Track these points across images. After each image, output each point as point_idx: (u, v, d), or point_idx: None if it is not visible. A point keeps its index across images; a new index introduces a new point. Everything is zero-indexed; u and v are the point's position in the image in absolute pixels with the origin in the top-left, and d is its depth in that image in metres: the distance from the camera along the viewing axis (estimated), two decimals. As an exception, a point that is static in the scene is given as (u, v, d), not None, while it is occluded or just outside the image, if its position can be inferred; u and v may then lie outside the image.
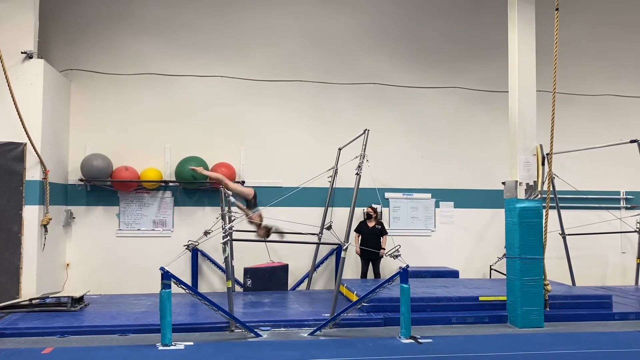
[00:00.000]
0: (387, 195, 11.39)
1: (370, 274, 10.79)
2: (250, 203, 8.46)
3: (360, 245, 10.55)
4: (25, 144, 8.95)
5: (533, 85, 8.35)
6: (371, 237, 10.60)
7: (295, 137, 11.25)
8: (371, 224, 10.75)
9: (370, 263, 10.75)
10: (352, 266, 11.05)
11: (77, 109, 10.63)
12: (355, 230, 10.73)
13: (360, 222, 10.85)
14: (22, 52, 9.08)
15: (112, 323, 7.63)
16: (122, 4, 10.93)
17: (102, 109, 10.72)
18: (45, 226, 9.20)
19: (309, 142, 11.26)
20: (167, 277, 6.75)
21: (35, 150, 9.00)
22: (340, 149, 10.69)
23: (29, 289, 8.82)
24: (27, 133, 8.84)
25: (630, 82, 12.37)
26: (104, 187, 10.48)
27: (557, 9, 7.86)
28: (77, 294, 8.67)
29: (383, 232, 10.71)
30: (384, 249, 10.26)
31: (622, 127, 11.81)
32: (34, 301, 8.37)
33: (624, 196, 12.21)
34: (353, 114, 11.26)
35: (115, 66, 10.78)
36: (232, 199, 8.18)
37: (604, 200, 11.97)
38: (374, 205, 10.81)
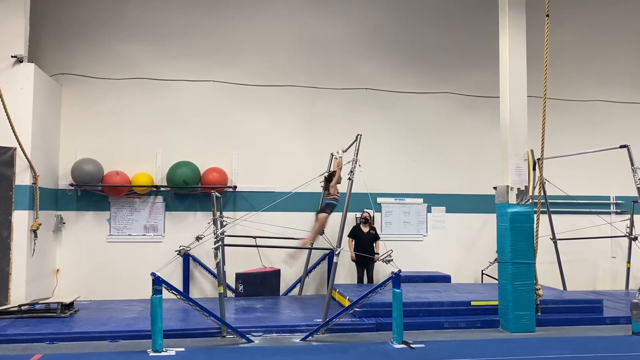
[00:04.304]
0: (379, 200, 11.41)
1: (365, 279, 10.77)
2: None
3: (355, 250, 10.53)
4: (15, 149, 8.88)
5: (524, 90, 8.41)
6: (366, 243, 10.60)
7: (288, 142, 11.24)
8: (365, 229, 10.75)
9: (365, 268, 10.75)
10: (347, 272, 11.04)
11: (68, 114, 10.58)
12: (349, 236, 10.71)
13: (354, 227, 10.84)
14: (12, 56, 9.04)
15: (102, 329, 7.57)
16: (114, 8, 10.90)
17: (93, 114, 10.67)
18: (35, 231, 9.13)
19: (301, 146, 11.25)
20: (158, 282, 6.70)
21: (25, 155, 8.93)
22: (332, 154, 10.69)
23: (18, 295, 8.75)
24: (17, 137, 8.77)
25: (620, 87, 12.48)
26: (94, 192, 10.42)
27: (547, 15, 7.92)
28: (67, 300, 8.59)
29: (377, 237, 10.71)
30: (378, 254, 10.26)
31: (612, 132, 11.91)
32: (23, 307, 8.30)
33: (614, 201, 12.29)
34: (345, 119, 11.28)
35: (107, 71, 10.74)
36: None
37: (595, 205, 12.03)
38: (367, 210, 10.82)
